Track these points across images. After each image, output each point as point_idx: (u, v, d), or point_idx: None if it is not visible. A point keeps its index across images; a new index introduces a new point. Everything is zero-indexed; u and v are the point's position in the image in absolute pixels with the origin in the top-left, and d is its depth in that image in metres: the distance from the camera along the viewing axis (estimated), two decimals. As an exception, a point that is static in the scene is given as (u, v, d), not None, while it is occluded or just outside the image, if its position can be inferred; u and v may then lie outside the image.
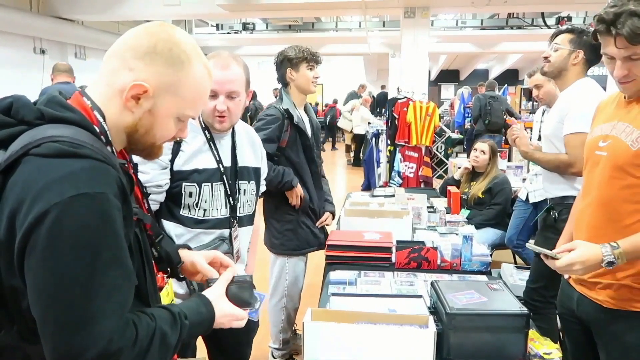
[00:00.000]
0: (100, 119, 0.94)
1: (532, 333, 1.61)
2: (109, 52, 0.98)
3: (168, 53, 0.95)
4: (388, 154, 6.69)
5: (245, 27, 12.67)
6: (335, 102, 14.53)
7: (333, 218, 2.87)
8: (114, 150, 0.96)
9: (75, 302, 0.80)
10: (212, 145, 1.73)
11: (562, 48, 2.25)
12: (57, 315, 0.80)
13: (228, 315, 1.08)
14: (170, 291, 1.27)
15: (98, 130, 0.92)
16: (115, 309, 0.84)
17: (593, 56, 2.24)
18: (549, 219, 2.37)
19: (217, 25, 13.24)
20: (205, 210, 1.71)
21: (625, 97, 1.54)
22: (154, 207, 1.65)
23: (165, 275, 1.23)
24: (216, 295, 1.08)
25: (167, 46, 0.95)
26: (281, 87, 2.68)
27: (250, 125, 2.16)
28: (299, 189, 2.59)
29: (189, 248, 1.32)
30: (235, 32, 12.88)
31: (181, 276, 1.25)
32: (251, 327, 1.97)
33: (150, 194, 1.28)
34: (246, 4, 8.14)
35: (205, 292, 1.09)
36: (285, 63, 2.60)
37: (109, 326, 0.82)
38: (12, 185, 0.83)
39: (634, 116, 1.47)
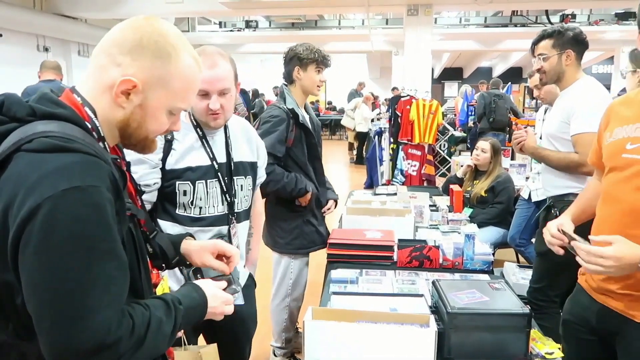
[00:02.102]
0: (91, 115, 0.93)
1: (534, 333, 1.60)
2: (96, 49, 0.97)
3: (154, 46, 0.94)
4: (391, 152, 6.68)
5: (248, 24, 12.69)
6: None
7: (336, 205, 2.86)
8: (107, 145, 0.96)
9: (71, 295, 0.80)
10: (204, 142, 1.71)
11: (550, 55, 2.24)
12: (53, 310, 0.80)
13: (218, 297, 1.09)
14: (166, 287, 1.27)
15: (90, 126, 0.92)
16: (111, 301, 0.84)
17: (580, 48, 2.25)
18: (550, 217, 2.34)
19: (220, 23, 13.27)
20: (200, 208, 1.69)
21: None
22: (147, 207, 1.64)
23: (160, 272, 1.23)
24: (203, 281, 1.11)
25: (152, 39, 0.95)
26: (283, 85, 2.65)
27: (253, 123, 2.14)
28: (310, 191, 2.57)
29: (193, 237, 1.31)
30: (238, 30, 12.89)
31: (172, 263, 1.25)
32: (250, 324, 1.97)
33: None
34: (249, 2, 8.14)
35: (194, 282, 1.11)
36: (294, 61, 2.56)
37: (106, 318, 0.82)
38: (5, 181, 0.82)
39: None
